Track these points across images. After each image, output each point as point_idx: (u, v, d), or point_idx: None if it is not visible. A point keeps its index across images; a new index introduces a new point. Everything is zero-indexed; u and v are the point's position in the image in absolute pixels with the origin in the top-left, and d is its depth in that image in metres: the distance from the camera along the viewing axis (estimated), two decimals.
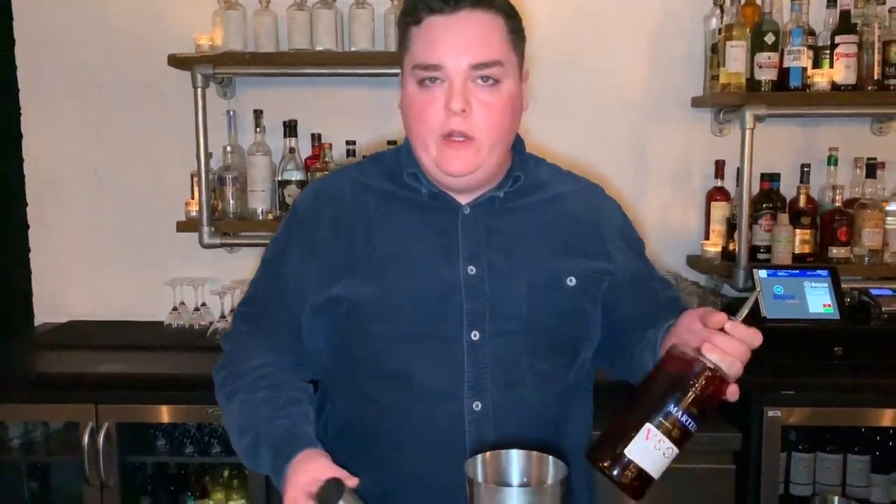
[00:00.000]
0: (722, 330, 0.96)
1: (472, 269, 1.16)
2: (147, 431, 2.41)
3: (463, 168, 1.12)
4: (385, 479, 1.17)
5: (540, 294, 1.17)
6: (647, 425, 0.90)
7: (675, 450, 0.91)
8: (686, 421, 0.90)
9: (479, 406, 1.14)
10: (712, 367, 0.91)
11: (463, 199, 1.20)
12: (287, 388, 1.19)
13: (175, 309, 2.67)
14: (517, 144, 1.23)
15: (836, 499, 1.24)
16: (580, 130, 2.71)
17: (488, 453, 0.83)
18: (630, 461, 0.89)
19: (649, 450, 0.89)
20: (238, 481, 2.41)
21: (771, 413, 2.17)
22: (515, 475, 0.83)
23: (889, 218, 2.52)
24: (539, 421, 1.18)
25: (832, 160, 2.60)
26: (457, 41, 1.07)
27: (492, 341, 1.15)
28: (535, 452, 0.84)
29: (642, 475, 0.90)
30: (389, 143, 2.42)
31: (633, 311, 1.22)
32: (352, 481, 1.02)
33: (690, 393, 0.90)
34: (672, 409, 0.89)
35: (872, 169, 2.54)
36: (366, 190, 1.22)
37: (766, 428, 2.17)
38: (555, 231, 1.22)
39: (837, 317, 2.30)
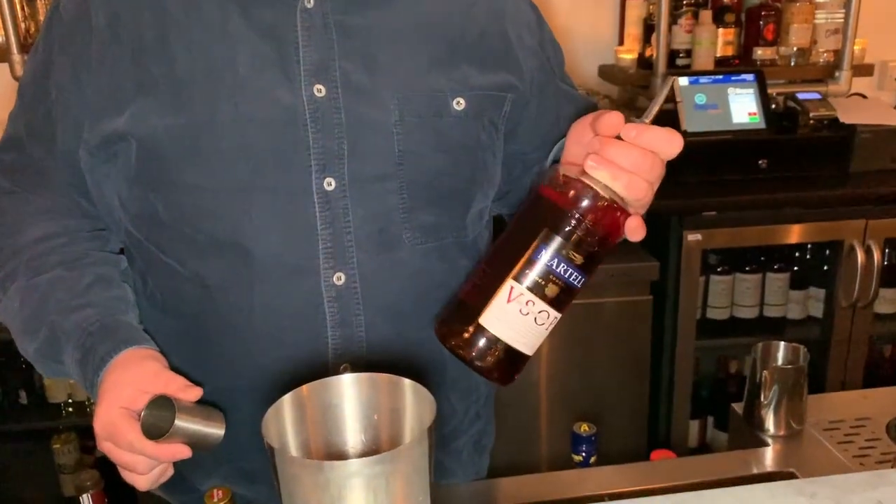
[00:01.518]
0: (619, 137, 0.67)
1: (319, 90, 0.82)
2: None
3: None
4: (221, 382, 0.87)
5: (417, 122, 0.84)
6: (509, 282, 0.63)
7: (553, 314, 0.65)
8: (564, 272, 0.63)
9: (343, 279, 0.84)
10: (600, 190, 0.64)
11: None
12: (87, 263, 0.87)
13: None
14: None
15: (780, 345, 1.02)
16: None
17: (305, 388, 0.53)
18: (489, 334, 0.63)
19: (514, 316, 0.63)
20: None
21: (691, 237, 1.98)
22: (353, 420, 0.53)
23: (819, 12, 2.25)
24: (424, 293, 0.89)
25: None
26: None
27: (353, 191, 0.83)
28: (382, 376, 0.55)
29: (508, 352, 0.64)
30: None
31: (545, 142, 0.91)
32: (191, 393, 0.75)
33: (568, 230, 0.63)
34: (543, 255, 0.63)
35: None
36: None
37: (685, 253, 2.00)
38: (437, 31, 0.86)
39: (763, 126, 2.07)
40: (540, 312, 0.63)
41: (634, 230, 0.68)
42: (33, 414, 2.14)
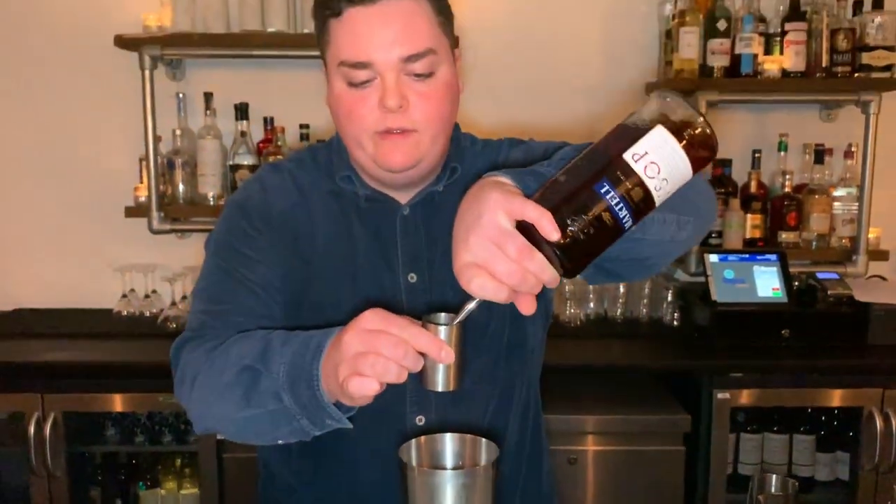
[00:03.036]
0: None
1: (412, 277, 1.11)
2: (96, 420, 2.37)
3: (404, 161, 1.04)
4: (328, 490, 1.14)
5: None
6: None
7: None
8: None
9: (423, 421, 1.10)
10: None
11: (402, 198, 1.13)
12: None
13: (125, 296, 2.61)
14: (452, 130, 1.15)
15: (773, 476, 1.25)
16: (536, 113, 2.71)
17: (423, 438, 0.82)
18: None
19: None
20: (190, 470, 2.39)
21: (720, 395, 2.20)
22: (449, 459, 0.83)
23: (836, 203, 2.57)
24: (487, 414, 1.15)
25: (782, 146, 2.64)
26: (383, 33, 0.98)
27: None
28: (468, 436, 0.84)
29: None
30: None
31: None
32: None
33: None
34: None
35: (821, 155, 2.59)
36: (304, 186, 1.15)
37: (715, 410, 2.21)
38: None
39: (785, 300, 2.34)
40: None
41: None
42: None
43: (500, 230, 0.74)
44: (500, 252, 0.74)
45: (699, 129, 0.75)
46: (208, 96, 2.54)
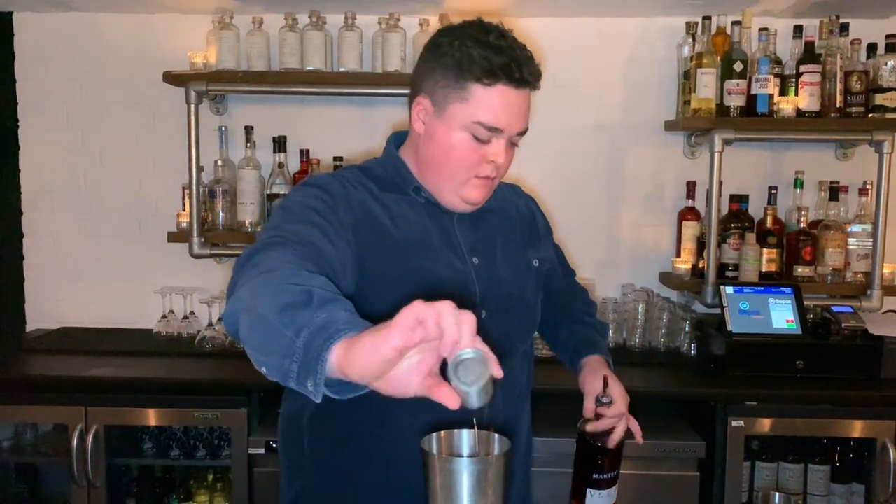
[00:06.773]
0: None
1: (476, 260, 1.33)
2: (134, 434, 2.48)
3: (481, 198, 1.31)
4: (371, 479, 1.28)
5: (522, 276, 1.40)
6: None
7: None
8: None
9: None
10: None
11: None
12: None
13: (164, 317, 2.75)
14: None
15: (776, 495, 1.32)
16: (558, 151, 2.83)
17: (442, 432, 0.92)
18: None
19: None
20: (222, 484, 2.49)
21: (734, 423, 2.26)
22: (466, 450, 0.93)
23: (851, 239, 2.63)
24: (518, 393, 1.39)
25: (798, 183, 2.72)
26: (516, 112, 1.24)
27: (494, 319, 1.29)
28: (483, 431, 0.94)
29: None
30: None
31: (552, 286, 1.54)
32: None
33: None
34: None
35: (835, 192, 2.67)
36: (372, 190, 1.30)
37: (729, 437, 2.27)
38: (515, 228, 1.45)
39: (799, 332, 2.40)
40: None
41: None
42: None
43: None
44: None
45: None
46: (249, 129, 2.70)
